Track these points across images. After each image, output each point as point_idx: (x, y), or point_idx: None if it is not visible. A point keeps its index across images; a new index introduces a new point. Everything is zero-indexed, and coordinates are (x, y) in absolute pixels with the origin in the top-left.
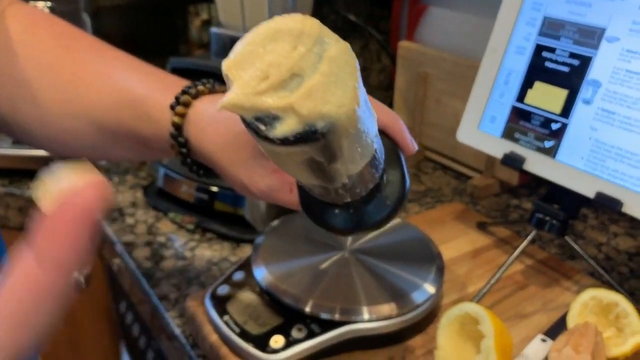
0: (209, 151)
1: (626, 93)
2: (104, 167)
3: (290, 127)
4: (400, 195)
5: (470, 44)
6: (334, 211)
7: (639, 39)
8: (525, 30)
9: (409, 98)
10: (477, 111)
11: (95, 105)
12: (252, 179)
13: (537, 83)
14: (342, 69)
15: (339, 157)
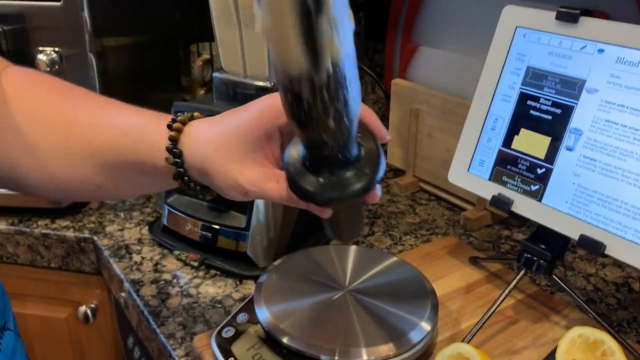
0: (203, 154)
1: (606, 142)
2: (110, 204)
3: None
4: (377, 165)
5: (459, 82)
6: (318, 181)
7: (616, 91)
8: (510, 79)
9: (402, 132)
10: (466, 154)
11: (92, 142)
12: (242, 172)
13: (522, 130)
14: None
15: (323, 5)
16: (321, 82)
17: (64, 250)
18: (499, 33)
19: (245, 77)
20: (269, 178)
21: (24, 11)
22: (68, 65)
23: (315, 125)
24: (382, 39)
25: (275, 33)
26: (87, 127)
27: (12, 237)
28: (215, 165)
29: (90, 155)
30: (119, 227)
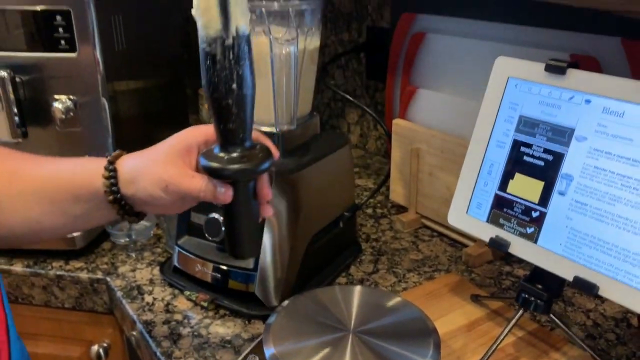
0: (133, 165)
1: (595, 187)
2: (121, 244)
3: None
4: (267, 155)
5: (457, 123)
6: (223, 158)
7: (603, 139)
8: (504, 127)
9: (404, 171)
10: (464, 197)
11: (34, 180)
12: (165, 170)
13: (517, 174)
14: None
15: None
16: (229, 43)
17: (78, 291)
18: (492, 82)
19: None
20: (186, 175)
21: (40, 62)
22: (82, 111)
23: (224, 87)
24: (382, 78)
25: (204, 9)
26: (30, 170)
27: (27, 279)
28: (142, 169)
29: (32, 192)
30: (131, 268)
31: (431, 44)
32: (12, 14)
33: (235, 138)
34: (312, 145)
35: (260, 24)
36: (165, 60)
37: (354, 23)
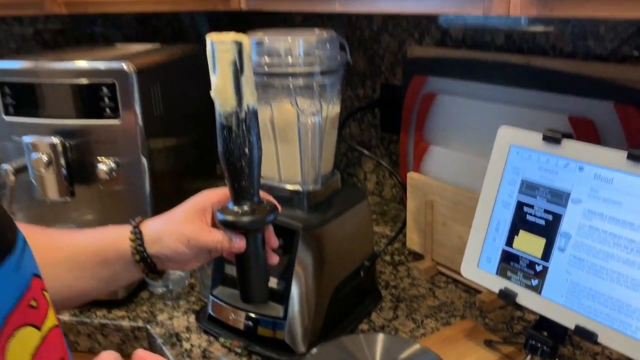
0: (157, 227)
1: (591, 245)
2: (159, 293)
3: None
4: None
5: (467, 177)
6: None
7: (596, 202)
8: (508, 189)
9: (419, 220)
10: (475, 252)
11: (65, 248)
12: (186, 226)
13: (521, 231)
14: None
15: (244, 70)
16: (242, 116)
17: (120, 338)
18: (496, 149)
19: (280, 182)
20: (205, 230)
21: (87, 128)
22: (123, 170)
23: (238, 151)
24: (395, 131)
25: (221, 88)
26: (61, 242)
27: (74, 327)
28: (166, 229)
29: (64, 261)
30: (168, 316)
31: (441, 104)
32: (63, 86)
33: (246, 194)
34: (333, 201)
35: (288, 97)
36: (195, 119)
37: (368, 81)
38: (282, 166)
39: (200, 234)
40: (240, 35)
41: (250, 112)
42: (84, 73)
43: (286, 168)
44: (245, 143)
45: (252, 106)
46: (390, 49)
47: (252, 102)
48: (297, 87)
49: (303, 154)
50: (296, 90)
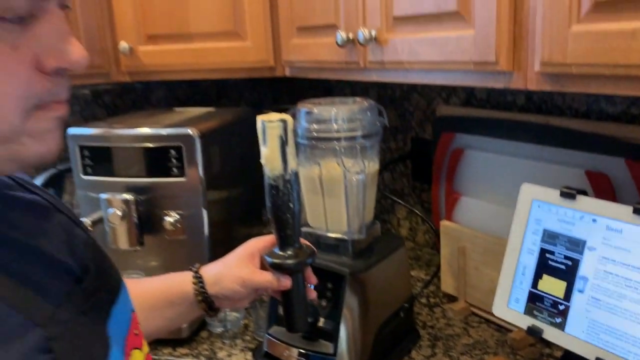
0: (215, 272)
1: (606, 287)
2: (217, 333)
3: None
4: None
5: (496, 225)
6: (282, 255)
7: (609, 249)
8: (532, 238)
9: (453, 265)
10: (505, 293)
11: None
12: (241, 270)
13: (544, 275)
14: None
15: (288, 142)
16: (287, 178)
17: None
18: (520, 203)
19: (327, 231)
20: (257, 272)
21: (156, 185)
22: (186, 221)
23: (283, 206)
24: (426, 181)
25: (270, 157)
26: (132, 289)
27: None
28: (223, 273)
29: (137, 303)
30: (227, 353)
31: (469, 158)
32: (136, 149)
33: (290, 241)
34: (375, 248)
35: (334, 157)
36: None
37: (400, 135)
38: (329, 217)
39: (253, 276)
40: (284, 115)
41: (293, 174)
42: (154, 138)
43: (332, 218)
44: (290, 199)
45: (294, 170)
46: (420, 106)
47: (294, 167)
48: (342, 149)
49: (349, 206)
50: (341, 151)
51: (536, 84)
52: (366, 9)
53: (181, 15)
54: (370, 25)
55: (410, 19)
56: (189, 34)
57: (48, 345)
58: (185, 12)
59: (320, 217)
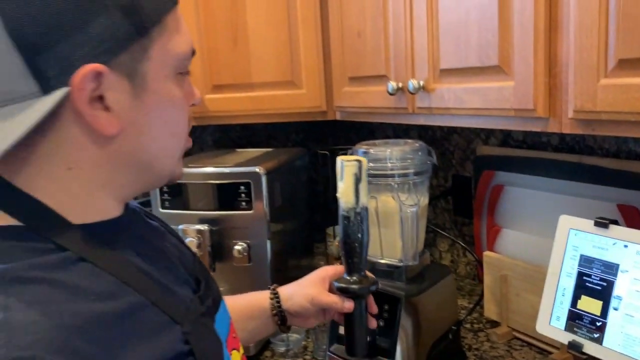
0: (289, 291)
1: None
2: (280, 352)
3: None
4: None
5: (535, 254)
6: (349, 281)
7: None
8: (570, 262)
9: (495, 292)
10: (547, 313)
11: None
12: (311, 289)
13: (582, 296)
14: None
15: (362, 180)
16: (358, 211)
17: None
18: (559, 232)
19: (381, 258)
20: (325, 293)
21: (227, 217)
22: (252, 250)
23: (352, 236)
24: (467, 215)
25: (345, 192)
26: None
27: None
28: (296, 291)
29: None
30: None
31: (509, 194)
32: (210, 186)
33: (357, 268)
34: (425, 275)
35: (389, 192)
36: (298, 210)
37: (441, 172)
38: (384, 245)
39: (321, 296)
40: (360, 157)
41: (364, 209)
42: (227, 175)
43: (387, 247)
44: (359, 230)
45: (365, 204)
46: (460, 146)
47: (365, 202)
48: (397, 185)
49: (404, 235)
50: (396, 187)
51: (570, 128)
52: (415, 63)
53: (244, 68)
54: (419, 76)
55: (455, 71)
56: (251, 84)
57: (185, 338)
58: (248, 65)
59: (376, 246)
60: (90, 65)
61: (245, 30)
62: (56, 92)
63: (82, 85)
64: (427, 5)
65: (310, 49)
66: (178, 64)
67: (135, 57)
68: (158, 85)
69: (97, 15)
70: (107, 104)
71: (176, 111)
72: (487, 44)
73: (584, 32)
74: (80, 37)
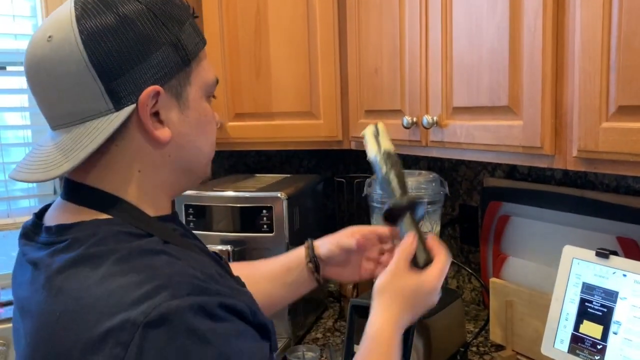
0: (322, 241)
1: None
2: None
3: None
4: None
5: (539, 281)
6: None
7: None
8: (573, 289)
9: (500, 317)
10: (551, 336)
11: (264, 270)
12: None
13: (584, 321)
14: None
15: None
16: (382, 154)
17: None
18: (562, 262)
19: None
20: (344, 237)
21: (248, 239)
22: None
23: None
24: (473, 243)
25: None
26: (258, 264)
27: None
28: (327, 239)
29: (264, 274)
30: None
31: (514, 224)
32: (234, 209)
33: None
34: None
35: None
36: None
37: (448, 201)
38: None
39: (342, 238)
40: (378, 122)
41: (386, 152)
42: (250, 199)
43: None
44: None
45: (387, 149)
46: (467, 177)
47: (387, 147)
48: None
49: None
50: None
51: (574, 165)
52: (429, 99)
53: (265, 98)
54: (433, 112)
55: (467, 109)
56: (271, 113)
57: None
58: (269, 95)
59: None
60: (152, 87)
61: (268, 63)
62: (126, 108)
63: (146, 101)
64: (442, 46)
65: (329, 83)
66: (208, 89)
67: (181, 82)
68: (196, 104)
69: (155, 50)
70: (161, 118)
71: (210, 124)
72: (498, 85)
73: (587, 79)
74: (144, 66)
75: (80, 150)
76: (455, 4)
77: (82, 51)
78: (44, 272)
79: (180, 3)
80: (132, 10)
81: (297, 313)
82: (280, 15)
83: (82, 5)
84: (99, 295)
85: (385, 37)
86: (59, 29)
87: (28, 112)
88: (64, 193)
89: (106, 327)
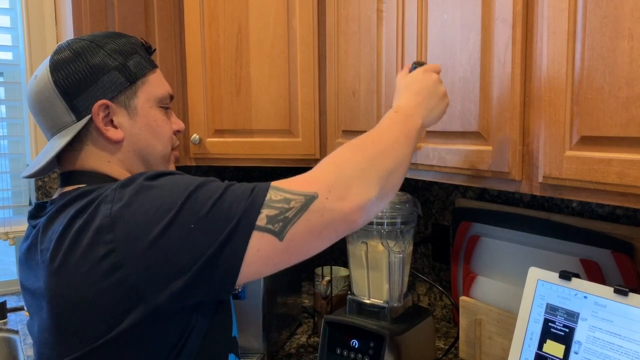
0: None
1: (596, 350)
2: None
3: None
4: None
5: (508, 301)
6: None
7: (597, 320)
8: (537, 310)
9: (470, 335)
10: (516, 354)
11: None
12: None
13: (548, 340)
14: None
15: None
16: None
17: None
18: (528, 283)
19: (368, 298)
20: None
21: None
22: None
23: None
24: (445, 261)
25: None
26: None
27: None
28: None
29: None
30: None
31: (484, 244)
32: None
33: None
34: (408, 316)
35: (379, 238)
36: None
37: (422, 220)
38: (371, 287)
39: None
40: None
41: None
42: None
43: (374, 289)
44: None
45: None
46: (439, 197)
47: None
48: (385, 232)
49: (391, 279)
50: (384, 234)
51: (540, 191)
52: None
53: (245, 116)
54: None
55: (440, 133)
56: (250, 130)
57: None
58: (249, 113)
59: (364, 287)
60: (101, 101)
61: (248, 82)
62: (84, 119)
63: (97, 112)
64: None
65: (308, 103)
66: (158, 101)
67: (129, 96)
68: (145, 112)
69: (104, 74)
70: (115, 124)
71: (160, 127)
72: (469, 112)
73: (553, 110)
74: (96, 87)
75: (52, 151)
76: (430, 34)
77: (50, 79)
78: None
79: (129, 41)
80: (82, 47)
81: (271, 329)
82: (261, 37)
83: (55, 50)
84: None
85: (363, 62)
86: (41, 69)
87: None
88: (60, 183)
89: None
